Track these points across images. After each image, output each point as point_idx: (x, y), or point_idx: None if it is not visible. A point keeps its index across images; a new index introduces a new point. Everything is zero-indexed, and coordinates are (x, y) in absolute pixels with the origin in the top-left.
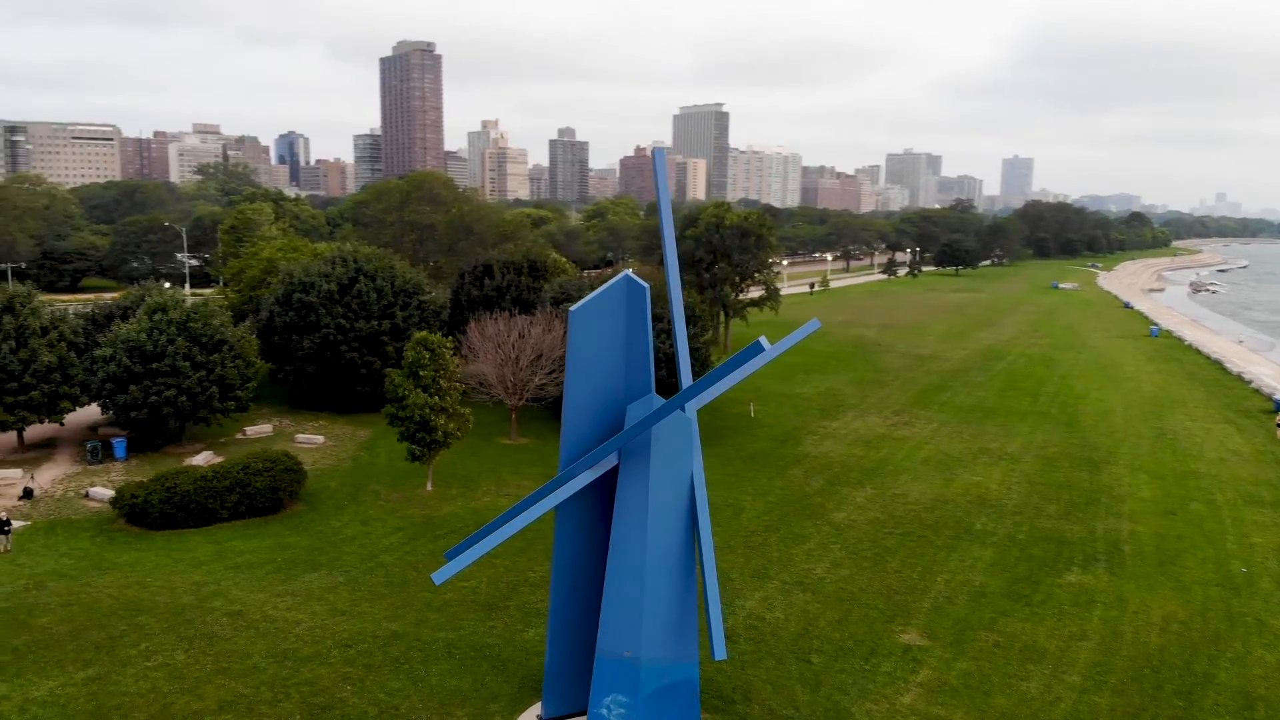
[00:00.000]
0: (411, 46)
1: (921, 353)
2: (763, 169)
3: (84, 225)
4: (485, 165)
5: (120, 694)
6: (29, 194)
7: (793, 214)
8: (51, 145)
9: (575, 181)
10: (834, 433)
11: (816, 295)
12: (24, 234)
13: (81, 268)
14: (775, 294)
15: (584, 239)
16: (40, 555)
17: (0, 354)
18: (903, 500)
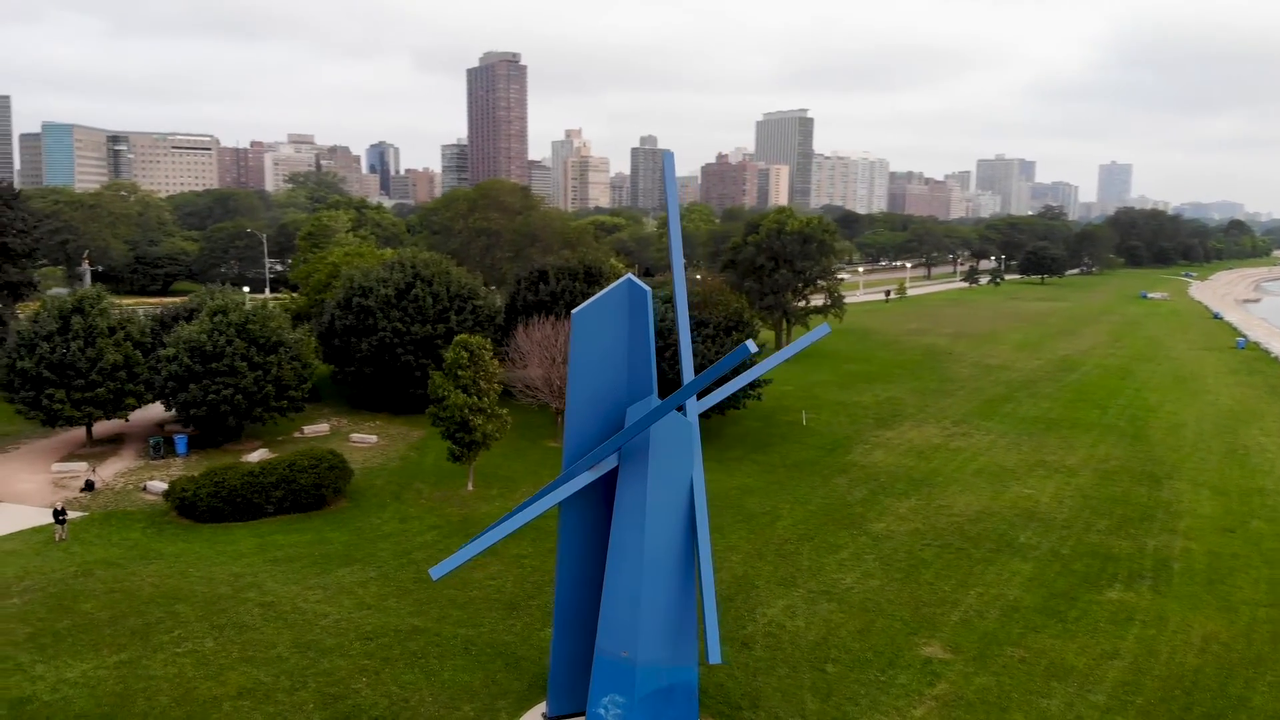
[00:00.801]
0: (497, 57)
1: (991, 362)
2: (848, 174)
3: (176, 231)
4: (568, 174)
5: (147, 678)
6: (122, 201)
7: (874, 220)
8: (152, 154)
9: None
10: (886, 442)
11: (892, 303)
12: (117, 239)
13: (172, 272)
14: (839, 301)
15: (656, 246)
16: (93, 544)
17: (69, 352)
18: (947, 512)
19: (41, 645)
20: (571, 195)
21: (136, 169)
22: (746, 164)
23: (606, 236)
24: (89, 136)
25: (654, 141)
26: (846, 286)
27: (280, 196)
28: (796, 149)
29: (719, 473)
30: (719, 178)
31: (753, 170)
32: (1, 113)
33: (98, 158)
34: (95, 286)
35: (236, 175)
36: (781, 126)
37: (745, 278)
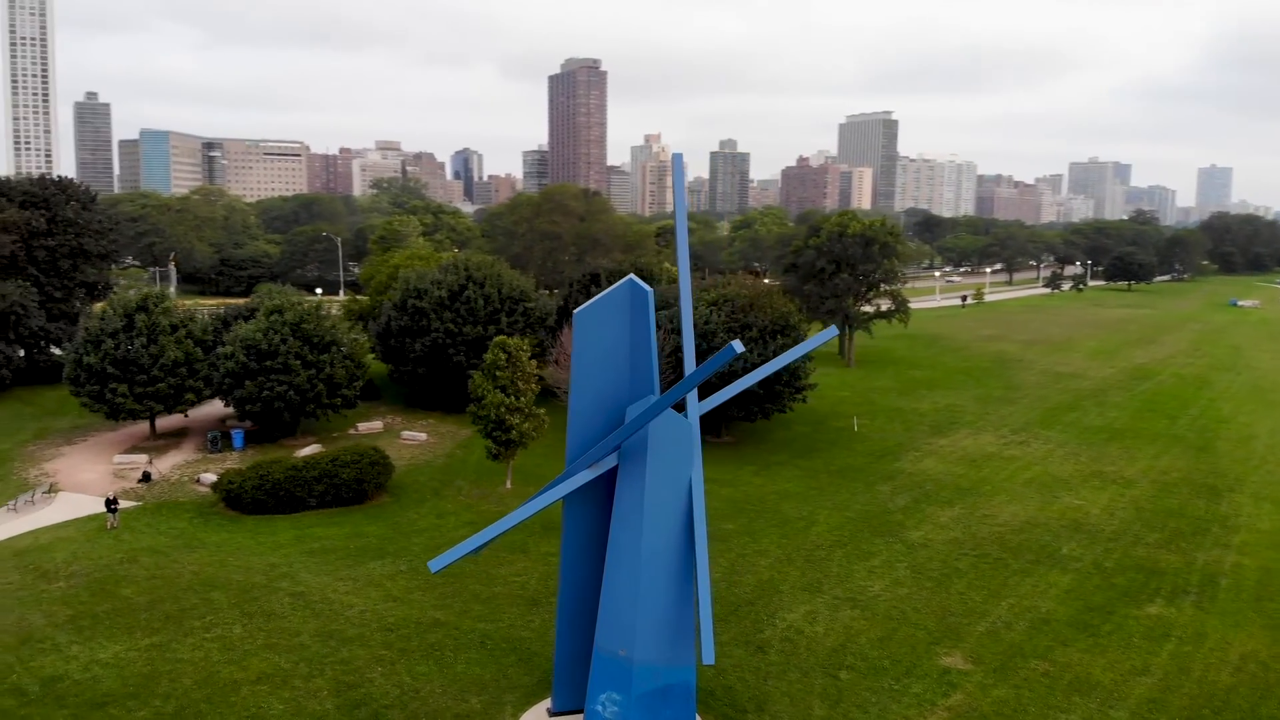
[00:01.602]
0: (578, 63)
1: (1062, 370)
2: (934, 177)
3: (260, 235)
4: (645, 178)
5: (175, 660)
6: (209, 205)
7: (956, 224)
8: (245, 160)
9: (735, 193)
10: (939, 450)
11: (968, 309)
12: (202, 242)
13: (255, 274)
14: (903, 306)
15: (727, 250)
16: (142, 532)
17: (133, 349)
18: (990, 521)
19: (80, 627)
20: (649, 200)
21: (230, 174)
22: (828, 167)
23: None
24: (184, 143)
25: (733, 145)
26: (923, 292)
27: (364, 201)
28: (880, 151)
29: (760, 477)
30: (799, 181)
31: (834, 173)
32: (102, 120)
33: (193, 163)
34: (161, 286)
35: (326, 181)
36: (865, 129)
37: (806, 281)
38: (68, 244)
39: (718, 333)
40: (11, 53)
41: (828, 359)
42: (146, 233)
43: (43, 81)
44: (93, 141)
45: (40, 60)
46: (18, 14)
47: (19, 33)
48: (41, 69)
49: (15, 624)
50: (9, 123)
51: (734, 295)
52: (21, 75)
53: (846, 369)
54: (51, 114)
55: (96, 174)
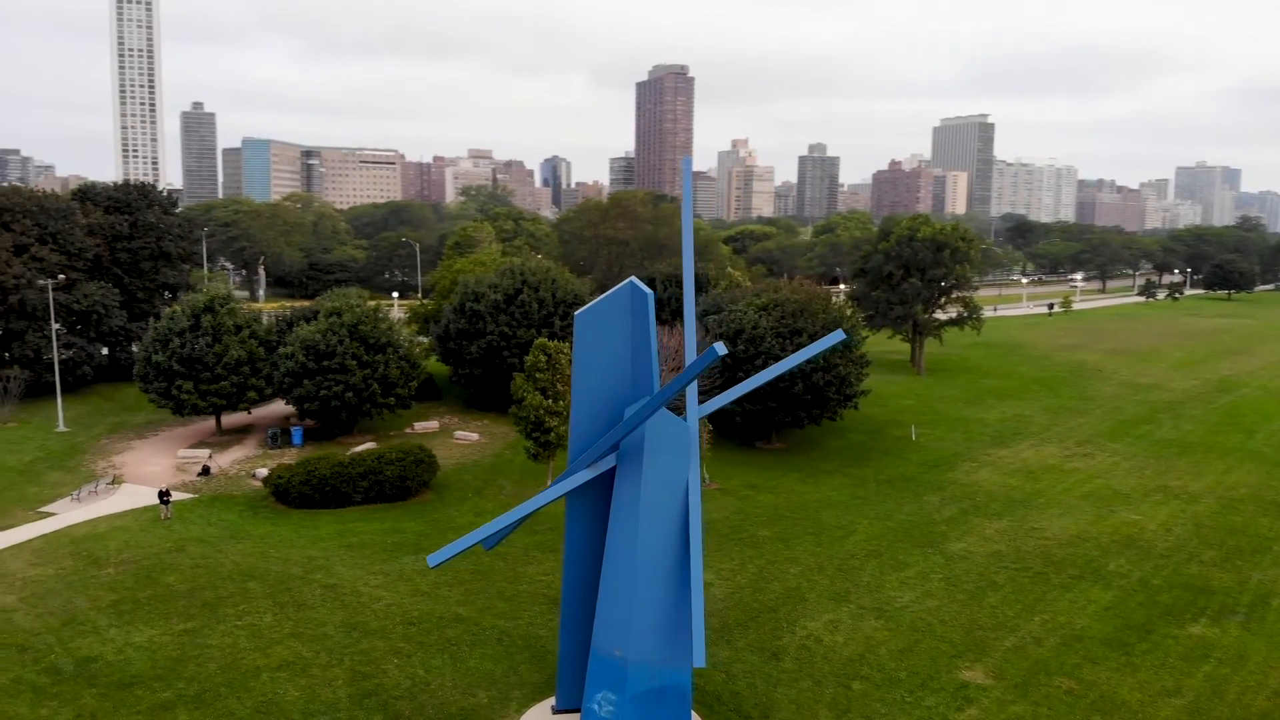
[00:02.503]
0: (666, 70)
1: (1142, 381)
2: (1032, 182)
3: (348, 240)
4: (731, 183)
5: (203, 646)
6: (298, 211)
7: (1049, 230)
8: (342, 168)
9: (824, 198)
10: (997, 461)
11: (1054, 317)
12: (291, 247)
13: (342, 278)
14: (976, 313)
15: (805, 256)
16: (193, 523)
17: (198, 348)
18: (1038, 535)
19: (121, 611)
20: (735, 205)
21: (327, 182)
22: (921, 171)
23: (755, 244)
24: (284, 151)
25: (822, 150)
26: (1010, 299)
27: (452, 208)
28: (976, 155)
29: (805, 484)
30: (891, 185)
31: (927, 177)
32: (207, 129)
33: (292, 171)
34: (226, 288)
35: (420, 189)
36: (960, 132)
37: (875, 287)
38: (149, 247)
39: (765, 338)
40: (120, 64)
41: (898, 367)
42: (238, 237)
43: (150, 92)
44: (198, 150)
45: (147, 71)
46: (126, 27)
47: (127, 45)
48: (149, 80)
49: (61, 607)
50: (118, 131)
51: (785, 300)
52: (130, 86)
53: (916, 377)
54: (158, 123)
55: (201, 181)
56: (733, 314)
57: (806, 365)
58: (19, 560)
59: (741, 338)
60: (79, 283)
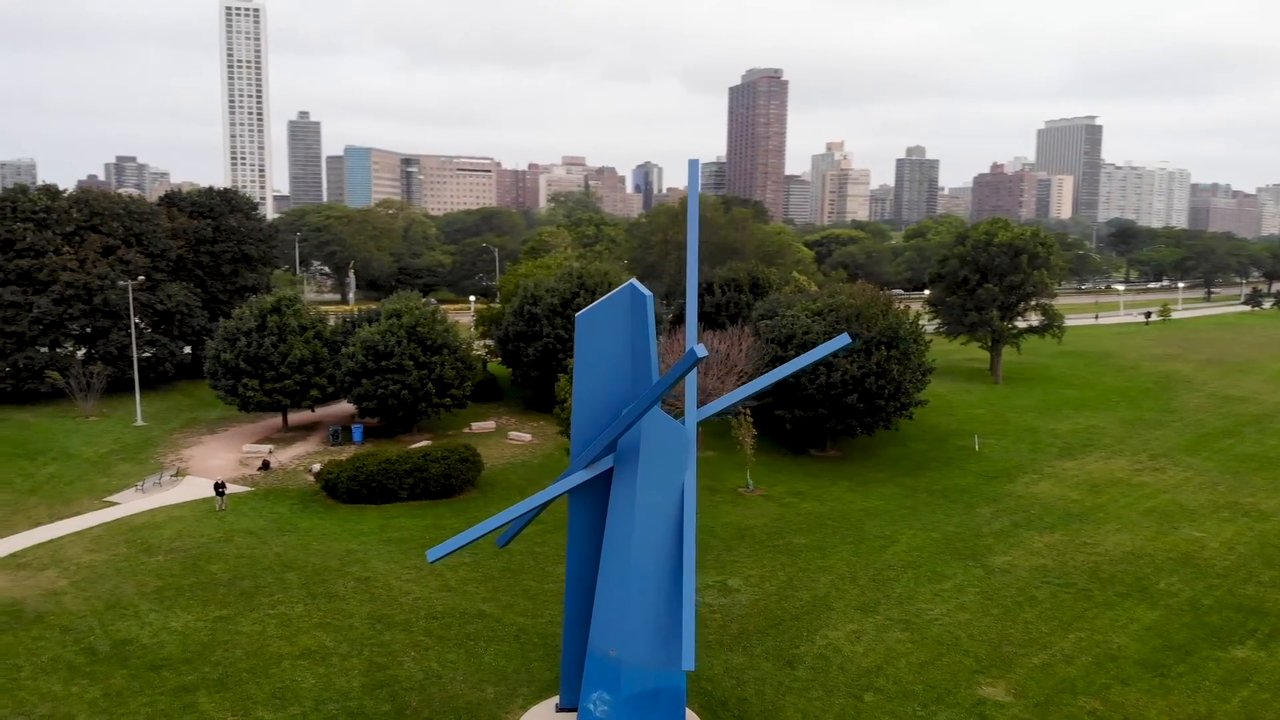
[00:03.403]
0: (759, 74)
1: (1232, 393)
2: (1141, 186)
3: (437, 246)
4: (825, 187)
5: (233, 633)
6: (388, 217)
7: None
8: (440, 175)
9: (922, 201)
10: (1061, 473)
11: (1150, 326)
12: (381, 252)
13: (430, 282)
14: (1056, 321)
15: (893, 261)
16: (245, 515)
17: (263, 347)
18: (1089, 550)
19: (163, 597)
20: (828, 209)
21: (425, 189)
22: (1025, 174)
23: (840, 248)
24: (385, 159)
25: (921, 152)
26: (1107, 307)
27: (542, 215)
28: (1082, 159)
29: (853, 493)
30: (993, 189)
31: (1031, 181)
32: (313, 137)
33: (392, 178)
34: (292, 289)
35: (515, 195)
36: (1066, 135)
37: (951, 292)
38: (230, 250)
39: (817, 343)
40: (229, 75)
41: (976, 375)
42: (329, 242)
43: (257, 101)
44: (304, 158)
45: (255, 82)
46: (235, 39)
47: (236, 56)
48: (256, 90)
49: (109, 591)
50: (227, 140)
51: (840, 304)
52: (238, 96)
53: (992, 386)
54: (265, 132)
55: (307, 188)
56: (785, 318)
57: (859, 372)
58: (78, 546)
59: (793, 343)
60: (162, 284)
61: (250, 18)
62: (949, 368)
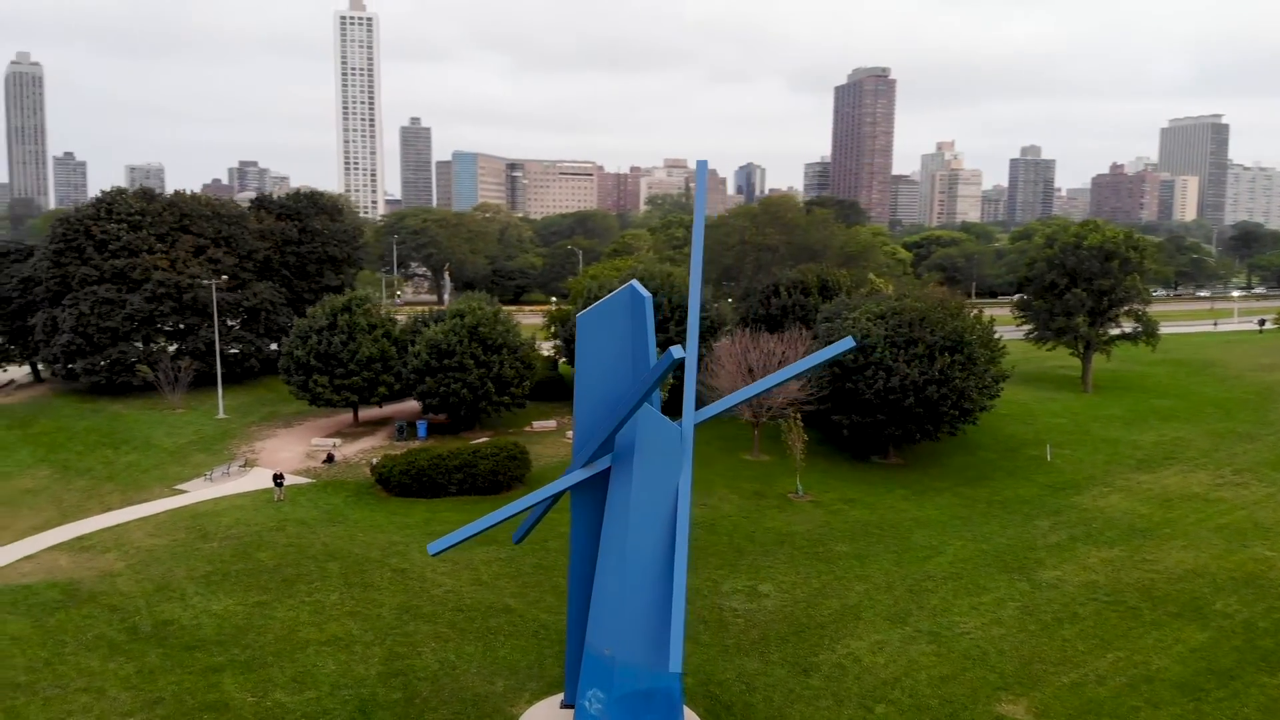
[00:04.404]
0: (866, 73)
1: None
2: (1271, 188)
3: (531, 248)
4: (935, 187)
5: (268, 618)
6: (483, 220)
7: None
8: (543, 180)
9: (1037, 202)
10: (1134, 486)
11: (1266, 334)
12: (475, 254)
13: (522, 284)
14: (1151, 328)
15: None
16: (301, 506)
17: (333, 345)
18: (1147, 567)
19: (210, 581)
20: (938, 209)
21: (529, 193)
22: (1146, 175)
23: (940, 250)
24: (490, 164)
25: (1036, 152)
26: (1222, 314)
27: (637, 217)
28: (1208, 159)
29: (907, 502)
30: (1112, 190)
31: (1153, 181)
32: (424, 143)
33: (497, 183)
34: (364, 290)
35: (616, 198)
36: (1190, 134)
37: (1038, 296)
38: (315, 251)
39: (877, 347)
40: (343, 82)
41: (1065, 383)
42: (425, 244)
43: (369, 108)
44: (415, 163)
45: (368, 89)
46: (349, 47)
47: (349, 64)
48: (369, 96)
49: (161, 575)
50: (341, 145)
51: (904, 308)
52: (351, 103)
53: (1080, 395)
54: (377, 138)
55: (418, 192)
56: (845, 321)
57: (920, 377)
58: (141, 531)
59: None
60: (249, 282)
61: (364, 26)
62: (1039, 375)
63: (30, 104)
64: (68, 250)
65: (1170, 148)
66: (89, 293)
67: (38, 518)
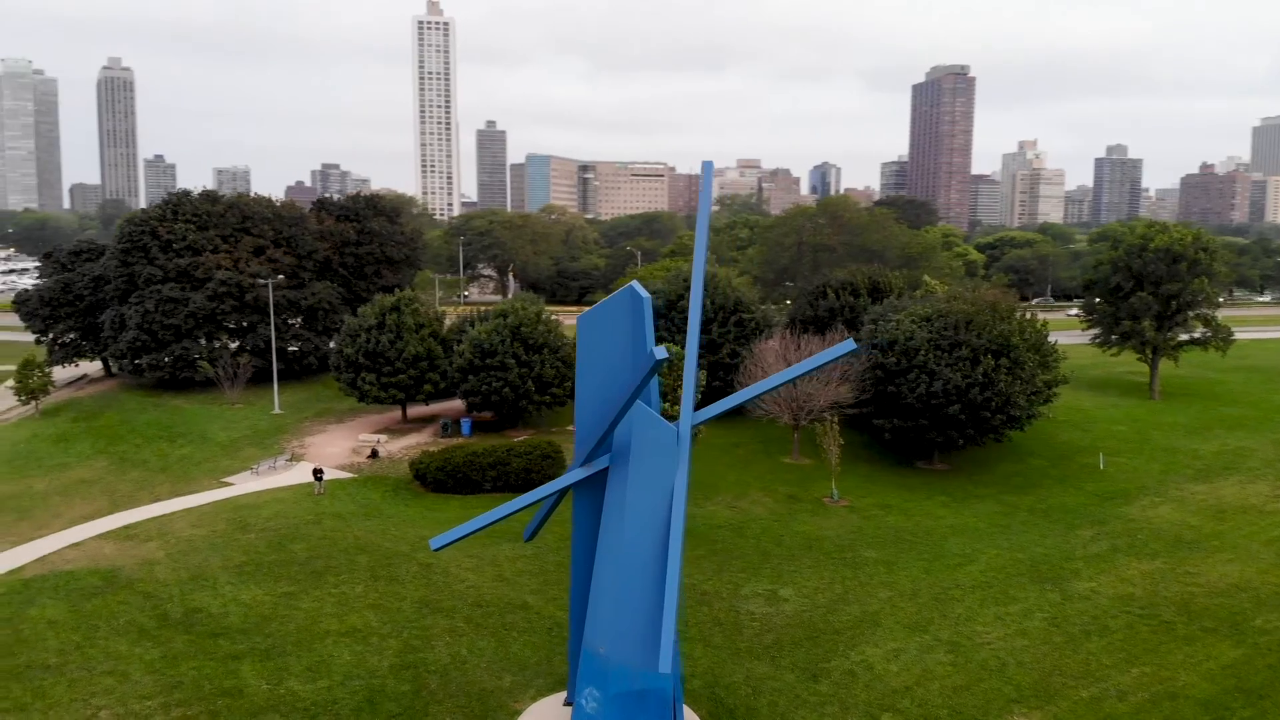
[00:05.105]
0: (944, 71)
1: None
2: None
3: (595, 249)
4: (1016, 187)
5: (293, 608)
6: (548, 223)
7: None
8: (614, 181)
9: (1123, 203)
10: (1187, 496)
11: None
12: (539, 255)
13: (586, 285)
14: (1223, 333)
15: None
16: (339, 500)
17: (380, 343)
18: (1189, 580)
19: (243, 571)
20: (1019, 210)
21: (600, 194)
22: (1237, 175)
23: (1012, 251)
24: (563, 166)
25: (1123, 151)
26: None
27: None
28: None
29: (946, 509)
30: (1202, 190)
31: (1244, 182)
32: (499, 146)
33: (569, 185)
34: (410, 291)
35: (687, 199)
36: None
37: (1102, 300)
38: (373, 252)
39: (920, 350)
40: (421, 86)
41: (1132, 390)
42: (490, 245)
43: (446, 112)
44: (490, 165)
45: (444, 93)
46: (426, 52)
47: (426, 68)
48: (445, 100)
49: (198, 564)
50: (418, 148)
51: (950, 311)
52: (428, 106)
53: (1145, 401)
54: (453, 141)
55: (493, 194)
56: (888, 323)
57: (963, 381)
58: (184, 521)
59: (895, 349)
60: (309, 282)
61: (440, 31)
62: (1106, 380)
63: (122, 108)
64: (134, 250)
65: (1262, 147)
66: (154, 291)
67: (89, 507)
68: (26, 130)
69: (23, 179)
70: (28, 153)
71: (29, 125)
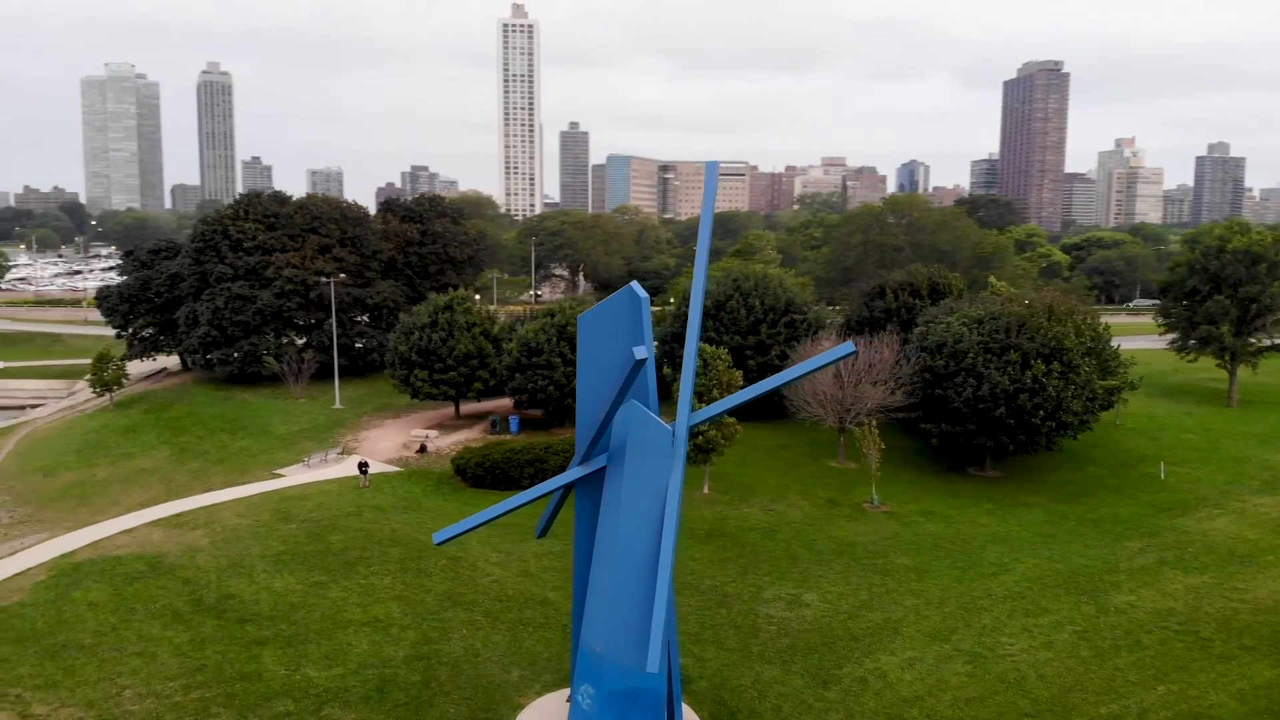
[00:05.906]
0: (1037, 67)
1: None
2: None
3: (666, 249)
4: (1112, 186)
5: (323, 597)
6: (620, 223)
7: None
8: (694, 181)
9: (1226, 203)
10: (1248, 509)
11: None
12: (610, 255)
13: (657, 284)
14: None
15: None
16: (382, 493)
17: (432, 341)
18: (1235, 596)
19: (280, 560)
20: (1115, 209)
21: (680, 194)
22: None
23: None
24: (643, 166)
25: (1224, 149)
26: None
27: (784, 216)
28: None
29: (989, 516)
30: None
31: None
32: (581, 147)
33: (649, 184)
34: (464, 290)
35: (770, 198)
36: None
37: (1179, 304)
38: (436, 252)
39: (969, 352)
40: (505, 88)
41: (1209, 397)
42: (562, 246)
43: (529, 113)
44: (573, 166)
45: (528, 94)
46: (510, 54)
47: (510, 70)
48: (529, 102)
49: (238, 552)
50: (502, 149)
51: (1001, 314)
52: (513, 108)
53: (1222, 409)
54: (537, 142)
55: (575, 195)
56: (938, 325)
57: (1011, 386)
58: (231, 511)
59: (943, 351)
60: (374, 281)
61: (525, 34)
62: (1183, 387)
63: (220, 111)
64: (207, 249)
65: None
66: (224, 288)
67: (146, 495)
68: (129, 133)
69: (126, 180)
70: (130, 154)
71: (131, 128)
